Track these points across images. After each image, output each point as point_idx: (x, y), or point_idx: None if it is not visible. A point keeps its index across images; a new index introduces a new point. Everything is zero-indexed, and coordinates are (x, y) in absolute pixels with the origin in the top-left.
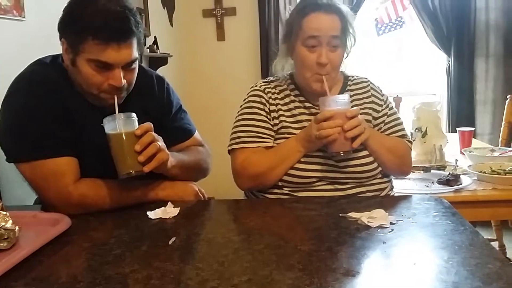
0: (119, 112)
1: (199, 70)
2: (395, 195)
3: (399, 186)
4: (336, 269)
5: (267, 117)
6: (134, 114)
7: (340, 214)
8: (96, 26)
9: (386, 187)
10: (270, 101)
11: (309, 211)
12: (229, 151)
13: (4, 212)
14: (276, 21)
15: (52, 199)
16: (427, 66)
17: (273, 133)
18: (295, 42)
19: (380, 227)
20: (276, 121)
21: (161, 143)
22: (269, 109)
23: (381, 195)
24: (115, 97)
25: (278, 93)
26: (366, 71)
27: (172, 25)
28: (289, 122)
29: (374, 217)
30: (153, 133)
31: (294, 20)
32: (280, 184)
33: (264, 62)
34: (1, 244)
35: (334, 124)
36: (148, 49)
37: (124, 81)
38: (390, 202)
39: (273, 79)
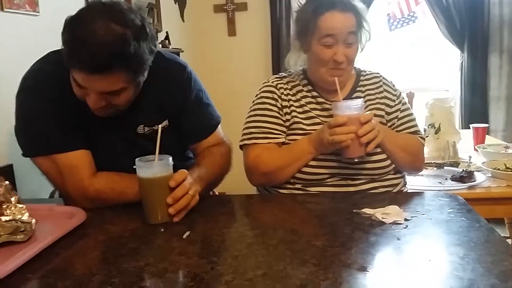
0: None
1: (210, 65)
2: (408, 191)
3: (412, 182)
4: (351, 264)
5: (279, 112)
6: (170, 160)
7: (353, 210)
8: (74, 57)
9: (399, 183)
10: (283, 96)
11: (322, 207)
12: (241, 147)
13: (21, 205)
14: (288, 16)
15: (70, 193)
16: (440, 61)
17: (285, 129)
18: (311, 40)
19: (395, 223)
20: (288, 117)
21: (192, 191)
22: (281, 104)
23: (393, 191)
24: (159, 135)
25: (290, 89)
26: (378, 66)
27: (183, 21)
28: (301, 118)
29: (388, 213)
30: (187, 182)
31: (310, 18)
32: (292, 180)
33: (275, 57)
34: (18, 237)
35: (348, 130)
36: (160, 45)
37: (100, 104)
38: (404, 199)
39: (286, 74)
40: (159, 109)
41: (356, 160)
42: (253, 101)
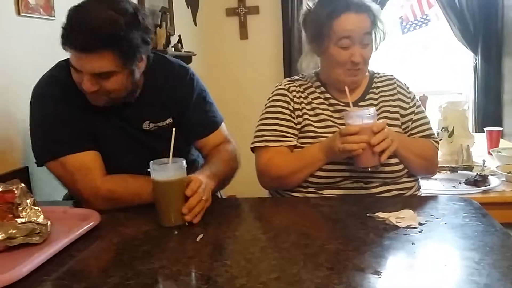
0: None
1: (222, 69)
2: (422, 195)
3: (426, 186)
4: (365, 268)
5: (291, 115)
6: (184, 163)
7: (367, 214)
8: (69, 39)
9: (412, 187)
10: (295, 99)
11: (336, 210)
12: (252, 150)
13: (36, 207)
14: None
15: (83, 194)
16: (453, 64)
17: (296, 132)
18: (328, 43)
19: (409, 227)
20: (300, 120)
21: (206, 195)
22: (293, 107)
23: (407, 194)
24: (173, 136)
25: (302, 92)
26: (391, 69)
27: (196, 24)
28: (313, 121)
29: (403, 217)
30: (201, 188)
31: (324, 22)
32: (305, 184)
33: (286, 61)
34: (34, 239)
35: (359, 139)
36: (173, 48)
37: (93, 87)
38: (418, 202)
39: (298, 77)
40: (163, 106)
41: (369, 170)
42: (266, 104)
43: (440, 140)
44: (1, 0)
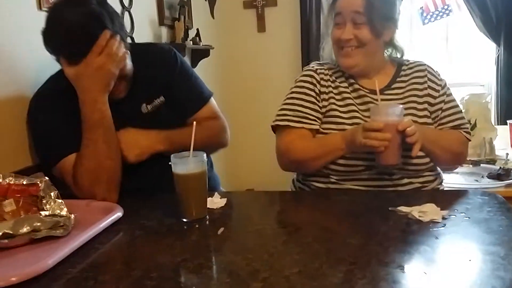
0: None
1: (240, 62)
2: (444, 189)
3: (447, 180)
4: (388, 263)
5: (316, 98)
6: (204, 156)
7: (389, 208)
8: (63, 47)
9: (434, 180)
10: (322, 82)
11: (357, 204)
12: (273, 129)
13: (60, 200)
14: (318, 12)
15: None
16: (475, 55)
17: (320, 116)
18: (330, 23)
19: (432, 222)
20: (325, 103)
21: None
22: (319, 90)
23: (429, 187)
24: (193, 130)
25: (330, 75)
26: (411, 60)
27: (213, 17)
28: (338, 106)
29: (425, 211)
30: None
31: (330, 5)
32: (325, 171)
33: (304, 53)
34: (58, 231)
35: (382, 137)
36: (191, 42)
37: (120, 84)
38: (441, 196)
39: (327, 61)
40: (152, 86)
41: (389, 169)
42: (292, 85)
43: None
44: None
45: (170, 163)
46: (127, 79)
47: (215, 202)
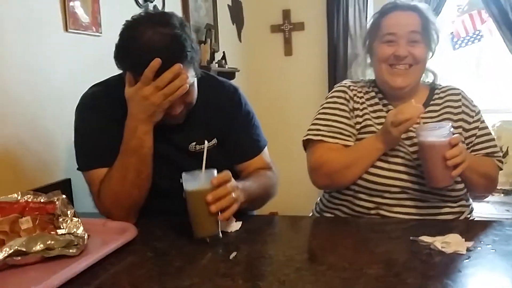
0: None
1: (266, 85)
2: (473, 219)
3: (476, 209)
4: None
5: (350, 113)
6: (215, 172)
7: (411, 238)
8: (142, 65)
9: (465, 211)
10: (355, 98)
11: (377, 232)
12: (305, 146)
13: (76, 219)
14: (345, 36)
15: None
16: (507, 81)
17: (355, 131)
18: (373, 42)
19: (456, 253)
20: (360, 120)
21: (236, 194)
22: (352, 106)
23: (462, 217)
24: (205, 149)
25: (364, 93)
26: (444, 85)
27: (240, 41)
28: (374, 123)
29: (449, 242)
30: (229, 184)
31: (373, 22)
32: (356, 188)
33: (331, 77)
34: (71, 251)
35: (413, 122)
36: (217, 64)
37: (179, 109)
38: (467, 227)
39: (359, 80)
40: (208, 126)
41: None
42: (323, 102)
43: None
44: (50, 16)
45: (181, 181)
46: (188, 107)
47: (231, 225)
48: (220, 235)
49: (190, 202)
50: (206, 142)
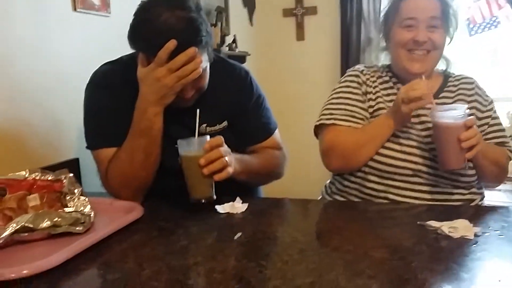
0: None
1: (277, 69)
2: (481, 205)
3: (487, 197)
4: (409, 280)
5: (362, 97)
6: (208, 138)
7: (418, 222)
8: (157, 47)
9: (477, 198)
10: (368, 82)
11: (384, 216)
12: (317, 128)
13: (83, 197)
14: (358, 21)
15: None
16: None
17: (367, 115)
18: (392, 26)
19: (463, 238)
20: (373, 103)
21: (228, 158)
22: (365, 90)
23: (473, 203)
24: (197, 116)
25: (377, 77)
26: (457, 73)
27: (251, 24)
28: (387, 106)
29: (456, 227)
30: (221, 148)
31: (392, 6)
32: (367, 169)
33: (344, 62)
34: (77, 228)
35: (425, 102)
36: (227, 48)
37: (191, 92)
38: (476, 213)
39: (372, 65)
40: (219, 109)
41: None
42: (336, 86)
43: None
44: None
45: (176, 146)
46: (199, 91)
47: (236, 207)
48: (214, 197)
49: (185, 167)
50: (198, 110)
